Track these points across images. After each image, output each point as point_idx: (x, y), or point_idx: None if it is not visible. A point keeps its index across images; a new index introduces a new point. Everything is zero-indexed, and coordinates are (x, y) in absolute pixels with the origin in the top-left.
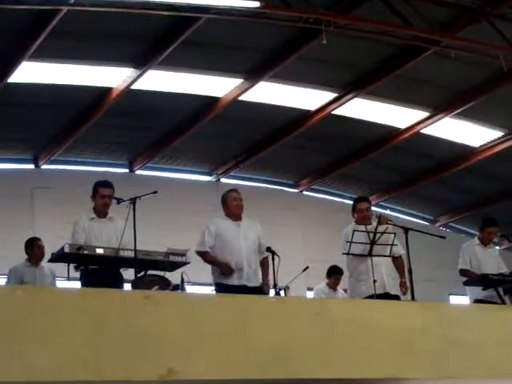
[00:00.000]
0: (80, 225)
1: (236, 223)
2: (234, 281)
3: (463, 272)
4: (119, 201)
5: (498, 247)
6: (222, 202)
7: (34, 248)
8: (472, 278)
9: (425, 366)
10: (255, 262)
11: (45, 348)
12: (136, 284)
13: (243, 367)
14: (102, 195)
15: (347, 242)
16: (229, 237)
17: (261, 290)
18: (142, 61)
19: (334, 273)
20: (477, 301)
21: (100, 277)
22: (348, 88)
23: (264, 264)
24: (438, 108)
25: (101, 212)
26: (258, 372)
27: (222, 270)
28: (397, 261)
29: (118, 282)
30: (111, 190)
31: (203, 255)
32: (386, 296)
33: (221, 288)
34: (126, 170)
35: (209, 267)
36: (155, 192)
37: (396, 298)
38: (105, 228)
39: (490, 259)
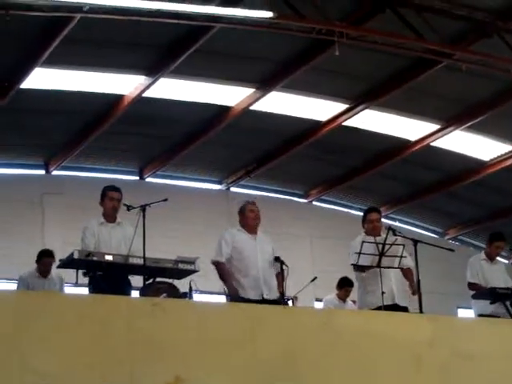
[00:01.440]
0: (89, 230)
1: (252, 236)
2: (250, 294)
3: (472, 286)
4: (129, 208)
5: (506, 261)
6: (240, 213)
7: (40, 263)
8: (480, 292)
9: (432, 378)
10: (271, 275)
11: (51, 353)
12: (144, 291)
13: (250, 376)
14: (111, 197)
15: (356, 253)
16: (246, 250)
17: (278, 303)
18: (154, 69)
19: (345, 285)
20: (481, 316)
21: (108, 283)
22: (359, 99)
23: (279, 277)
24: (449, 121)
25: (110, 216)
26: (266, 381)
27: (229, 291)
28: (406, 271)
29: (126, 289)
30: (119, 194)
31: (219, 266)
32: (395, 307)
33: (236, 301)
34: (137, 178)
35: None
36: (165, 199)
37: (404, 309)
38: (114, 233)
39: (497, 274)
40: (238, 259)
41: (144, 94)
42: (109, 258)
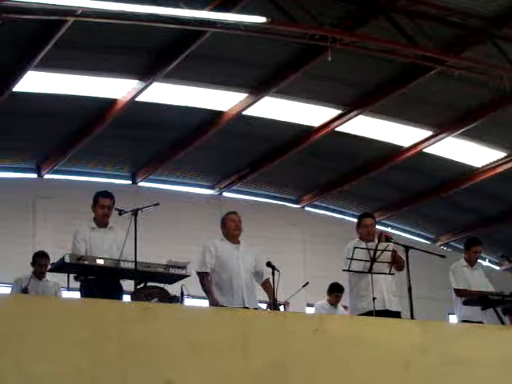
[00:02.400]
0: (80, 234)
1: (234, 246)
2: (233, 303)
3: (460, 292)
4: (121, 212)
5: (498, 267)
6: (222, 224)
7: (34, 264)
8: (472, 298)
9: None
10: (252, 284)
11: (42, 357)
12: (135, 295)
13: (241, 381)
14: (102, 205)
15: (348, 258)
16: (229, 259)
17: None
18: (147, 73)
19: (335, 290)
20: (463, 321)
21: (99, 287)
22: (352, 105)
23: (267, 285)
24: (441, 127)
25: (101, 222)
26: None
27: (210, 302)
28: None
29: (117, 293)
30: (111, 200)
31: (203, 276)
32: (386, 313)
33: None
34: (129, 182)
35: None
36: (157, 204)
37: (397, 314)
38: (105, 238)
39: (478, 279)
40: (221, 269)
41: (137, 99)
42: (100, 262)
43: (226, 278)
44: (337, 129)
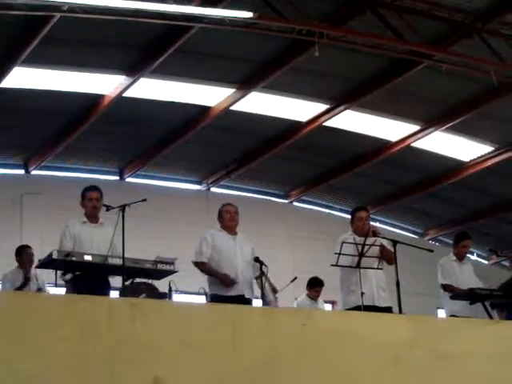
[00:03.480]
0: (69, 229)
1: (232, 236)
2: (231, 292)
3: (446, 287)
4: (108, 208)
5: (486, 262)
6: (218, 216)
7: (22, 255)
8: (459, 293)
9: (411, 379)
10: (249, 274)
11: (31, 354)
12: (123, 292)
13: (231, 377)
14: (90, 198)
15: (335, 253)
16: (225, 250)
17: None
18: (134, 68)
19: (315, 285)
20: (453, 316)
21: (87, 283)
22: (339, 100)
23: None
24: (429, 122)
25: (92, 216)
26: (245, 382)
27: (223, 281)
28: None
29: (105, 289)
30: (98, 193)
31: (201, 266)
32: (375, 308)
33: (217, 299)
34: (117, 178)
35: (197, 276)
36: (144, 200)
37: (387, 309)
38: (95, 233)
39: (467, 273)
40: (218, 259)
41: (124, 94)
42: (88, 258)
43: (224, 268)
44: (325, 124)
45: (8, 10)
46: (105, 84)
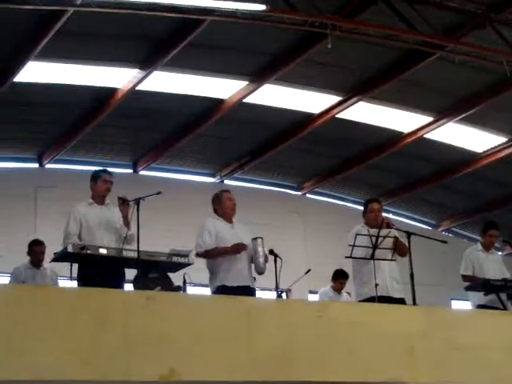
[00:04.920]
0: (74, 214)
1: (230, 225)
2: (238, 282)
3: (466, 278)
4: (125, 201)
5: (500, 252)
6: (217, 201)
7: (31, 251)
8: (474, 284)
9: (426, 370)
10: (250, 264)
11: (45, 347)
12: (138, 284)
13: (245, 369)
14: (105, 180)
15: (349, 245)
16: (228, 239)
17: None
18: (147, 62)
19: (340, 277)
20: (479, 306)
21: (102, 275)
22: (352, 92)
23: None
24: (442, 113)
25: (100, 198)
26: (260, 374)
27: (235, 250)
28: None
29: (120, 281)
30: (111, 177)
31: (205, 254)
32: (389, 299)
33: (225, 290)
34: (130, 171)
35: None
36: (159, 193)
37: (400, 301)
38: (102, 214)
39: (493, 264)
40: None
41: (137, 87)
42: (103, 251)
43: (228, 257)
44: (337, 115)
45: (22, 4)
46: (118, 77)
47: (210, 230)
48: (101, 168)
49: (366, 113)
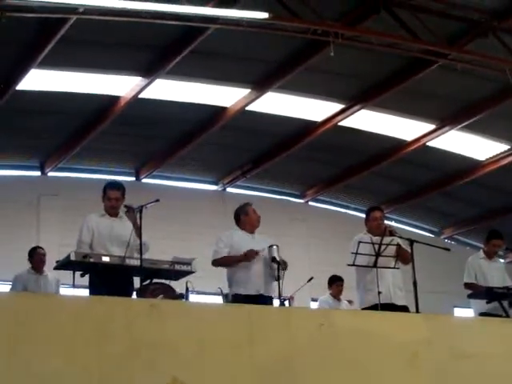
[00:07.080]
0: (87, 223)
1: (251, 236)
2: (252, 291)
3: (468, 286)
4: (129, 209)
5: (502, 260)
6: (242, 213)
7: (33, 256)
8: (476, 292)
9: (429, 378)
10: (268, 273)
11: (49, 355)
12: (141, 292)
13: (248, 377)
14: (109, 198)
15: (352, 253)
16: (242, 247)
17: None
18: (150, 70)
19: (335, 281)
20: (482, 314)
21: (110, 283)
22: (355, 100)
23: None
24: (445, 121)
25: (110, 213)
26: (262, 382)
27: (247, 257)
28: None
29: (128, 289)
30: (118, 191)
31: (219, 261)
32: (392, 306)
33: (238, 299)
34: (133, 179)
35: (214, 277)
36: (157, 200)
37: (403, 308)
38: (114, 225)
39: (496, 272)
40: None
41: (140, 95)
42: (106, 259)
43: (243, 266)
44: (340, 123)
45: (24, 12)
46: (121, 85)
47: (223, 241)
48: (109, 180)
49: (368, 121)
